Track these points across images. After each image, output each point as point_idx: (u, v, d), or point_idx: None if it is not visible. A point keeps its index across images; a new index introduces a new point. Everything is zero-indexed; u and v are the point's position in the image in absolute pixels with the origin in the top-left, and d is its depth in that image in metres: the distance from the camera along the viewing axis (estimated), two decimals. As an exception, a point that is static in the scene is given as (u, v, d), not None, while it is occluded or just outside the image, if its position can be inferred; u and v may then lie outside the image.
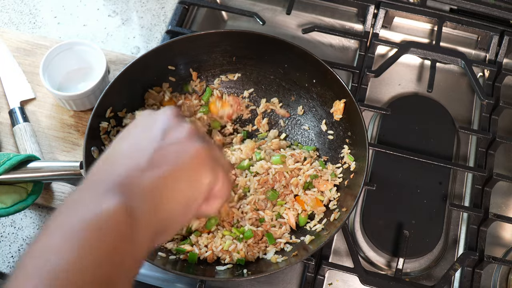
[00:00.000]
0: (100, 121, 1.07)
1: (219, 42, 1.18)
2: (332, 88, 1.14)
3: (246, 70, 1.23)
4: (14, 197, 1.00)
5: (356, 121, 1.09)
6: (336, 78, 1.11)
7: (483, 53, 1.40)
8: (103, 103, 1.06)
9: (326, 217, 1.06)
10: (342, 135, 1.14)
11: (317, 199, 1.08)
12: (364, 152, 1.04)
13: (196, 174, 0.66)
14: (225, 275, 0.99)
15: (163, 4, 1.45)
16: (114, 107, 1.10)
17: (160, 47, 1.13)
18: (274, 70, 1.21)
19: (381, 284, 1.05)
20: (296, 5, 1.40)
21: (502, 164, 1.25)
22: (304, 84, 1.19)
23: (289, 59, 1.17)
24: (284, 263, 1.00)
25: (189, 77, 1.21)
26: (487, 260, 1.08)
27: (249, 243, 1.04)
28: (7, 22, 1.41)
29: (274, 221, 1.07)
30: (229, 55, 1.21)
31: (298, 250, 1.02)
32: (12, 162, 0.97)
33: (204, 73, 1.22)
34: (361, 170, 1.04)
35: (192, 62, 1.20)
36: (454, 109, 1.31)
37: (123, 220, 0.56)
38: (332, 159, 1.15)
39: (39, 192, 1.04)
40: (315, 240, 1.03)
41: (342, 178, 1.10)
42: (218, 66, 1.22)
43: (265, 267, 1.00)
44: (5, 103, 1.26)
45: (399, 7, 1.38)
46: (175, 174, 0.63)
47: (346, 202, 1.05)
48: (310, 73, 1.17)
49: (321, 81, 1.16)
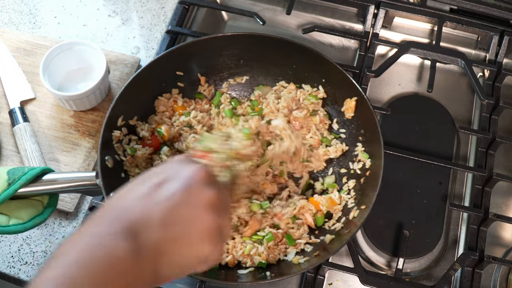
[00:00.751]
0: (112, 130, 1.07)
1: (227, 45, 1.18)
2: (342, 87, 1.14)
3: (254, 72, 1.22)
4: (31, 212, 0.97)
5: (368, 119, 1.09)
6: (346, 77, 1.11)
7: (483, 53, 1.40)
8: (114, 112, 1.06)
9: (345, 216, 1.07)
10: (354, 133, 1.14)
11: (331, 198, 1.09)
12: (379, 149, 1.05)
13: (200, 248, 0.68)
14: (247, 278, 0.99)
15: (163, 4, 1.45)
16: (125, 115, 1.09)
17: (168, 52, 1.13)
18: (282, 72, 1.21)
19: (381, 284, 1.05)
20: (296, 5, 1.40)
21: (502, 164, 1.25)
22: (314, 84, 1.19)
23: (297, 60, 1.17)
24: (307, 263, 1.00)
25: (197, 82, 1.21)
26: (487, 260, 1.08)
27: (269, 245, 1.04)
28: (7, 22, 1.41)
29: (291, 223, 1.07)
30: (237, 58, 1.20)
31: (319, 250, 1.02)
32: (28, 177, 0.94)
33: (212, 77, 1.22)
34: (377, 167, 1.05)
35: (200, 67, 1.20)
36: (454, 109, 1.31)
37: (131, 264, 0.61)
38: (346, 157, 1.15)
39: (55, 204, 1.01)
40: (336, 239, 1.03)
41: (359, 176, 1.10)
42: (226, 70, 1.22)
43: (287, 269, 1.00)
44: (5, 103, 1.26)
45: (399, 7, 1.38)
46: (182, 241, 0.66)
47: (365, 200, 1.05)
48: (319, 73, 1.17)
49: (330, 80, 1.16)
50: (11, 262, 1.10)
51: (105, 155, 1.03)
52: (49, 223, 1.15)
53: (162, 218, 0.65)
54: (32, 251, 1.12)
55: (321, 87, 1.17)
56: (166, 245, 0.64)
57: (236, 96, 1.23)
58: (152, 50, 1.37)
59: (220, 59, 1.20)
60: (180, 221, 0.66)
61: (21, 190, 0.95)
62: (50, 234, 1.14)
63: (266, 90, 1.21)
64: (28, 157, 1.16)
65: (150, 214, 0.64)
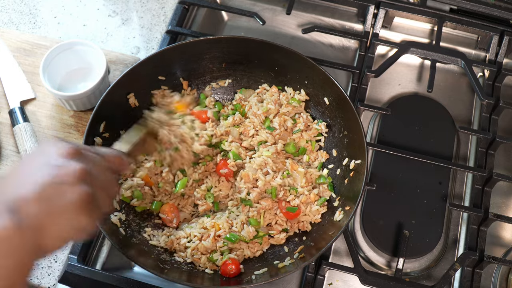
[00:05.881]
0: (94, 137, 1.08)
1: (208, 49, 1.18)
2: (323, 87, 1.14)
3: (237, 75, 1.23)
4: None
5: (351, 120, 1.09)
6: (327, 77, 1.11)
7: (483, 53, 1.40)
8: (96, 119, 1.07)
9: (329, 217, 1.07)
10: (338, 134, 1.15)
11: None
12: (363, 150, 1.05)
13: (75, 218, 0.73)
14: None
15: (163, 4, 1.45)
16: (107, 122, 1.10)
17: (149, 58, 1.13)
18: (265, 74, 1.21)
19: (381, 284, 1.05)
20: (296, 5, 1.40)
21: (502, 164, 1.25)
22: (296, 86, 1.19)
23: (280, 62, 1.17)
24: (292, 266, 1.00)
25: (180, 86, 1.21)
26: (487, 260, 1.08)
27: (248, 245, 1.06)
28: (7, 22, 1.41)
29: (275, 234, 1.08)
30: (219, 62, 1.21)
31: (304, 252, 1.02)
32: None
33: (195, 81, 1.22)
34: (361, 168, 1.05)
35: (182, 71, 1.20)
36: (454, 109, 1.31)
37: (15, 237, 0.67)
38: (330, 160, 1.15)
39: None
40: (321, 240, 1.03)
41: (342, 176, 1.10)
42: (208, 73, 1.22)
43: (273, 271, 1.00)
44: (5, 103, 1.26)
45: (399, 7, 1.38)
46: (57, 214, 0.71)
47: (349, 201, 1.05)
48: (301, 74, 1.17)
49: (312, 81, 1.16)
50: (11, 262, 1.10)
51: None
52: (49, 223, 1.15)
53: (37, 194, 0.70)
54: (32, 251, 1.12)
55: (302, 90, 1.18)
56: (44, 218, 0.70)
57: (219, 99, 1.24)
58: (152, 50, 1.37)
59: (202, 62, 1.20)
60: (52, 195, 0.71)
61: None
62: (50, 234, 1.14)
63: (248, 93, 1.21)
64: (28, 157, 1.16)
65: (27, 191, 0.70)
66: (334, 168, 1.13)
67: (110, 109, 1.10)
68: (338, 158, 1.13)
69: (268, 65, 1.19)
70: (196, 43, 1.16)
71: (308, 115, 1.18)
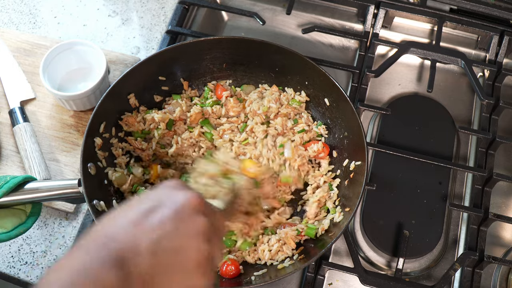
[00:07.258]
0: (94, 137, 1.07)
1: (209, 49, 1.18)
2: (324, 88, 1.14)
3: (237, 76, 1.23)
4: (14, 221, 0.96)
5: (352, 121, 1.09)
6: (328, 78, 1.11)
7: (483, 53, 1.40)
8: (96, 119, 1.07)
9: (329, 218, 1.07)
10: (338, 135, 1.15)
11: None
12: (363, 151, 1.05)
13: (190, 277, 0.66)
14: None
15: (163, 4, 1.45)
16: (107, 122, 1.10)
17: (149, 58, 1.13)
18: (265, 75, 1.21)
19: (381, 284, 1.05)
20: (296, 5, 1.40)
21: (502, 164, 1.25)
22: (297, 87, 1.19)
23: (280, 62, 1.17)
24: (292, 267, 1.00)
25: (180, 87, 1.21)
26: (487, 260, 1.08)
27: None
28: (7, 22, 1.41)
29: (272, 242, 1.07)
30: (220, 62, 1.21)
31: (304, 253, 1.02)
32: (10, 185, 0.94)
33: (195, 82, 1.22)
34: (361, 169, 1.05)
35: (182, 72, 1.20)
36: (454, 109, 1.31)
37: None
38: (330, 161, 1.15)
39: (38, 213, 1.00)
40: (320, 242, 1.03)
41: (342, 177, 1.10)
42: (208, 74, 1.22)
43: (273, 273, 1.01)
44: (5, 103, 1.26)
45: (399, 7, 1.38)
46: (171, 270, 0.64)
47: (349, 202, 1.05)
48: (301, 75, 1.17)
49: (313, 82, 1.16)
50: (11, 262, 1.10)
51: (88, 162, 1.03)
52: (49, 223, 1.15)
53: (151, 246, 0.62)
54: (32, 251, 1.12)
55: (303, 91, 1.18)
56: (155, 275, 0.62)
57: None
58: (152, 50, 1.37)
59: (202, 63, 1.20)
60: (170, 250, 0.63)
61: (4, 199, 0.94)
62: (50, 234, 1.14)
63: (249, 89, 1.22)
64: (28, 157, 1.16)
65: (139, 242, 0.62)
66: (334, 169, 1.13)
67: (110, 109, 1.10)
68: (338, 159, 1.13)
69: (269, 65, 1.19)
70: (196, 44, 1.16)
71: (309, 115, 1.18)
